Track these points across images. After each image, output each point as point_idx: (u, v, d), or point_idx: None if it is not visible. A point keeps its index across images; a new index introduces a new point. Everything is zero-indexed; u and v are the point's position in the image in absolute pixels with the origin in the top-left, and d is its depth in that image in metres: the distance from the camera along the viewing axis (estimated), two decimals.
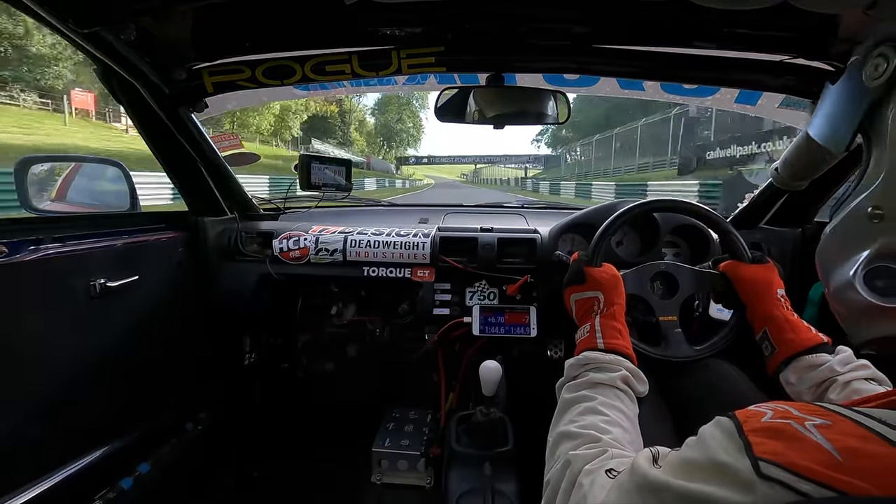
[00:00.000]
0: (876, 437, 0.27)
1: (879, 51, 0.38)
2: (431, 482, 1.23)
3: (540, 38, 0.90)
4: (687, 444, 0.36)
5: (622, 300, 0.76)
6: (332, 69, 0.94)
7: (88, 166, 1.24)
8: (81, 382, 0.94)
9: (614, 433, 0.53)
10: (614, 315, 0.71)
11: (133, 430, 1.08)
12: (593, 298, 0.75)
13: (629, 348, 0.67)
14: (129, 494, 1.03)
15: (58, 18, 0.70)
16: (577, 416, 0.57)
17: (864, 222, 0.36)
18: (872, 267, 0.34)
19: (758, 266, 0.84)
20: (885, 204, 0.35)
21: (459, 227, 1.29)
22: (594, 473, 0.45)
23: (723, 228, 0.91)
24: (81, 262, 0.93)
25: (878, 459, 0.25)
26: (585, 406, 0.57)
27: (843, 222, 0.39)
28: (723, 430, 0.33)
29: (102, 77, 0.96)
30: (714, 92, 1.31)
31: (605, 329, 0.68)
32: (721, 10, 0.73)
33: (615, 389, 0.60)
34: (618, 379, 0.61)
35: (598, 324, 0.70)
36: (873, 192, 0.36)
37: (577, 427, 0.54)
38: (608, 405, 0.57)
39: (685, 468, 0.33)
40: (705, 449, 0.33)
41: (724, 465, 0.30)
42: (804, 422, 0.29)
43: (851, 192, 0.39)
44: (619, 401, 0.59)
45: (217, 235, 1.29)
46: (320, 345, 1.53)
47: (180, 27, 0.86)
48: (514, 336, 1.19)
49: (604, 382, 0.61)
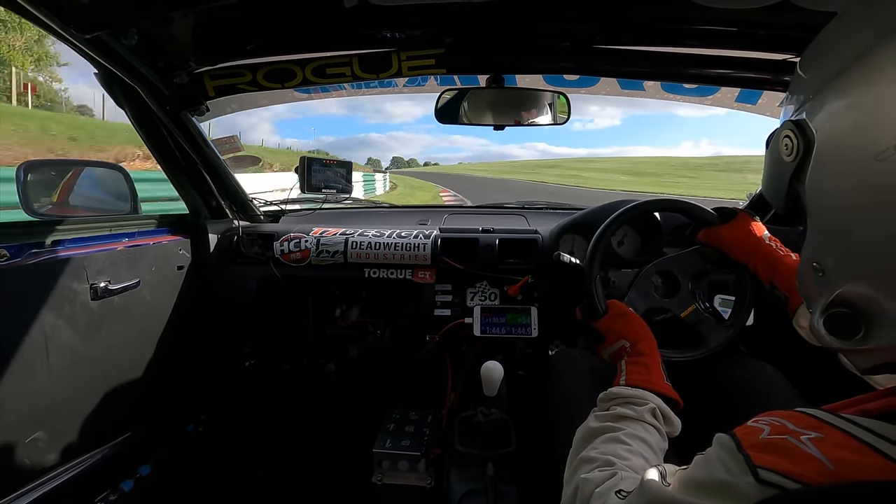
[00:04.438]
0: (866, 447, 0.29)
1: (785, 132, 0.40)
2: (432, 483, 1.23)
3: (540, 39, 0.90)
4: (694, 464, 0.38)
5: (644, 332, 0.74)
6: (332, 72, 0.95)
7: (90, 170, 1.24)
8: (83, 385, 0.94)
9: (633, 462, 0.52)
10: (641, 352, 0.71)
11: (134, 432, 1.08)
12: (621, 348, 0.74)
13: (657, 384, 0.65)
14: (129, 496, 1.03)
15: (60, 23, 0.70)
16: (599, 444, 0.56)
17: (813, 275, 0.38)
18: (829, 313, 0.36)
19: (732, 222, 0.83)
20: (821, 261, 0.38)
21: (460, 228, 1.29)
22: (605, 496, 0.45)
23: (682, 208, 0.89)
24: (82, 266, 0.93)
25: (867, 469, 0.27)
26: (609, 436, 0.57)
27: (799, 271, 0.42)
28: (724, 447, 0.34)
29: (104, 81, 0.97)
30: (714, 91, 1.30)
31: (629, 367, 0.68)
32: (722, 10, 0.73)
33: (642, 423, 0.59)
34: (645, 413, 0.60)
35: (623, 364, 0.70)
36: (812, 249, 0.39)
37: (596, 453, 0.54)
38: (633, 436, 0.56)
39: (691, 487, 0.35)
40: (709, 468, 0.34)
41: (726, 483, 0.32)
42: (800, 436, 0.31)
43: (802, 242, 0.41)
44: (646, 433, 0.58)
45: (218, 238, 1.29)
46: (321, 346, 1.53)
47: (181, 31, 0.87)
48: (516, 336, 1.19)
49: (630, 416, 0.60)
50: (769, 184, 0.45)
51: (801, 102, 0.39)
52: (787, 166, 0.40)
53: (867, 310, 0.33)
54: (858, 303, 0.34)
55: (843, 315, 0.35)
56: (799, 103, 0.40)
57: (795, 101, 0.41)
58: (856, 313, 0.34)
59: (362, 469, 1.25)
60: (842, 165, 0.35)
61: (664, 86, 1.35)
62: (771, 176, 0.44)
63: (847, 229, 0.35)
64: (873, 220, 0.32)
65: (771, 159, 0.44)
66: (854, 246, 0.34)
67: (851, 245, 0.35)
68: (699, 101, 1.39)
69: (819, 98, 0.37)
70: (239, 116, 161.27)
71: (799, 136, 0.38)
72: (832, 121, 0.36)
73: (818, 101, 0.37)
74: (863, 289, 0.33)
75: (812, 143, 0.37)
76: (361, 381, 1.57)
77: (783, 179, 0.41)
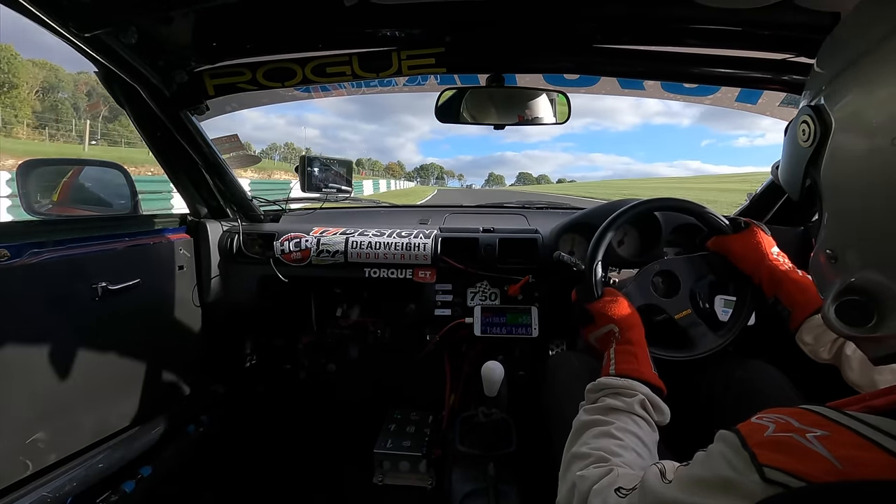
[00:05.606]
0: (873, 445, 0.28)
1: (802, 117, 0.40)
2: (433, 483, 1.23)
3: (540, 38, 0.90)
4: (696, 461, 0.37)
5: (635, 321, 0.75)
6: (332, 70, 0.95)
7: (90, 170, 1.24)
8: (83, 385, 0.94)
9: (626, 457, 0.52)
10: (630, 341, 0.71)
11: (135, 432, 1.08)
12: (609, 332, 0.75)
13: (645, 373, 0.65)
14: (130, 497, 1.03)
15: (59, 22, 0.70)
16: (591, 439, 0.56)
17: (827, 262, 0.39)
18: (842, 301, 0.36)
19: (742, 233, 0.83)
20: (835, 248, 0.38)
21: (460, 228, 1.29)
22: (604, 493, 0.45)
23: (697, 211, 0.90)
24: (83, 266, 0.93)
25: (874, 466, 0.27)
26: (600, 430, 0.57)
27: (812, 261, 0.42)
28: (728, 444, 0.34)
29: (103, 80, 0.96)
30: (714, 91, 1.30)
31: (618, 355, 0.68)
32: (722, 9, 0.73)
33: (632, 415, 0.59)
34: (635, 404, 0.60)
35: (612, 352, 0.70)
36: (826, 236, 0.39)
37: (589, 448, 0.54)
38: (623, 430, 0.57)
39: (694, 485, 0.35)
40: (713, 465, 0.34)
41: (731, 480, 0.31)
42: (805, 433, 0.30)
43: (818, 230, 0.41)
44: (636, 426, 0.58)
45: (218, 238, 1.29)
46: (322, 346, 1.53)
47: (181, 30, 0.86)
48: (516, 336, 1.18)
49: (620, 408, 0.60)
50: (786, 171, 0.46)
51: (819, 89, 0.39)
52: (804, 152, 0.40)
53: (880, 297, 0.33)
54: (872, 290, 0.34)
55: (856, 303, 0.35)
56: (817, 90, 0.40)
57: (813, 89, 0.41)
58: (869, 301, 0.34)
59: (363, 469, 1.25)
60: (858, 150, 0.35)
61: (664, 85, 1.34)
62: (788, 163, 0.45)
63: (861, 215, 0.35)
64: (887, 204, 0.32)
65: (788, 146, 0.44)
66: (868, 232, 0.34)
67: (865, 231, 0.35)
68: (699, 101, 1.38)
69: (837, 83, 0.37)
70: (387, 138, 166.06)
71: (816, 122, 0.38)
72: (849, 105, 0.36)
73: (836, 85, 0.37)
74: (876, 276, 0.33)
75: (829, 128, 0.37)
76: (362, 380, 1.57)
77: (800, 166, 0.41)
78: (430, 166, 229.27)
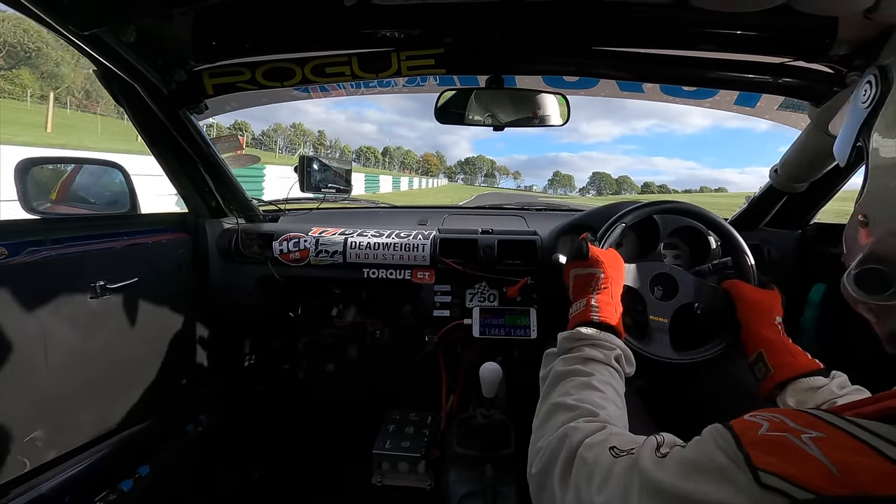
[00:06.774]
0: (872, 451, 0.27)
1: (868, 77, 0.42)
2: (432, 484, 1.23)
3: (539, 40, 0.90)
4: (691, 445, 0.37)
5: (621, 282, 0.76)
6: (331, 71, 0.95)
7: (89, 168, 1.23)
8: (81, 384, 0.94)
9: (609, 410, 0.53)
10: (612, 294, 0.72)
11: (132, 431, 1.08)
12: (593, 275, 0.75)
13: (621, 329, 0.68)
14: (128, 496, 1.03)
15: (58, 20, 0.70)
16: (573, 390, 0.57)
17: (858, 225, 0.40)
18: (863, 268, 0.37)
19: (763, 290, 0.85)
20: (868, 212, 0.39)
21: (459, 229, 1.29)
22: (597, 449, 0.45)
23: (736, 247, 0.93)
24: (81, 264, 0.93)
25: (875, 474, 0.26)
26: (581, 381, 0.57)
27: (848, 226, 0.43)
28: (722, 437, 0.33)
29: (102, 78, 0.96)
30: (713, 94, 1.30)
31: (601, 305, 0.69)
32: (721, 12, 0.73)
33: (609, 367, 0.61)
34: (612, 357, 0.61)
35: (595, 300, 0.70)
36: (863, 201, 0.40)
37: (574, 400, 0.54)
38: (603, 382, 0.58)
39: (688, 468, 0.34)
40: (707, 451, 0.34)
41: (725, 467, 0.31)
42: (800, 434, 0.29)
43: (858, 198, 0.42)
44: (613, 378, 0.60)
45: (217, 237, 1.29)
46: (321, 346, 1.53)
47: (180, 29, 0.86)
48: (515, 338, 1.19)
49: (599, 360, 0.61)
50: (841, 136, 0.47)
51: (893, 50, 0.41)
52: (861, 114, 0.42)
53: None
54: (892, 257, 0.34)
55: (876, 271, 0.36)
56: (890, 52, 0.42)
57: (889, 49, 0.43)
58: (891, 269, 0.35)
59: (362, 470, 1.25)
60: None
61: (663, 88, 1.35)
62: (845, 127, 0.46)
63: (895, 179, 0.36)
64: None
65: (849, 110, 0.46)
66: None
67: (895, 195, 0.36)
68: (697, 104, 1.39)
69: None
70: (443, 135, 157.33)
71: (880, 81, 0.40)
72: None
73: None
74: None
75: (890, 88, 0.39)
76: (360, 381, 1.57)
77: (854, 127, 0.43)
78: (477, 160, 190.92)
